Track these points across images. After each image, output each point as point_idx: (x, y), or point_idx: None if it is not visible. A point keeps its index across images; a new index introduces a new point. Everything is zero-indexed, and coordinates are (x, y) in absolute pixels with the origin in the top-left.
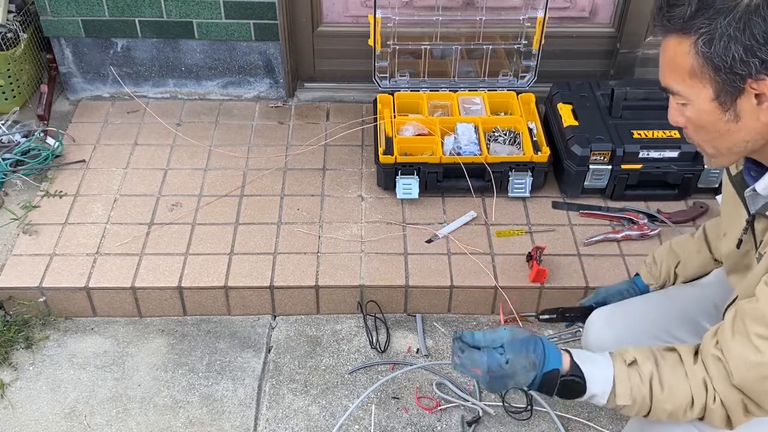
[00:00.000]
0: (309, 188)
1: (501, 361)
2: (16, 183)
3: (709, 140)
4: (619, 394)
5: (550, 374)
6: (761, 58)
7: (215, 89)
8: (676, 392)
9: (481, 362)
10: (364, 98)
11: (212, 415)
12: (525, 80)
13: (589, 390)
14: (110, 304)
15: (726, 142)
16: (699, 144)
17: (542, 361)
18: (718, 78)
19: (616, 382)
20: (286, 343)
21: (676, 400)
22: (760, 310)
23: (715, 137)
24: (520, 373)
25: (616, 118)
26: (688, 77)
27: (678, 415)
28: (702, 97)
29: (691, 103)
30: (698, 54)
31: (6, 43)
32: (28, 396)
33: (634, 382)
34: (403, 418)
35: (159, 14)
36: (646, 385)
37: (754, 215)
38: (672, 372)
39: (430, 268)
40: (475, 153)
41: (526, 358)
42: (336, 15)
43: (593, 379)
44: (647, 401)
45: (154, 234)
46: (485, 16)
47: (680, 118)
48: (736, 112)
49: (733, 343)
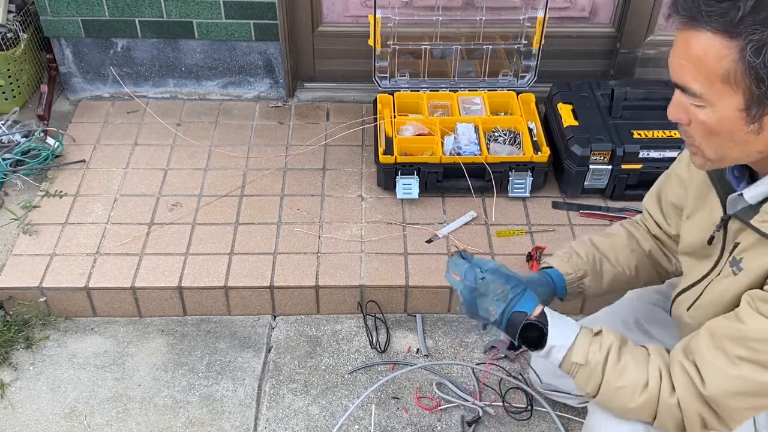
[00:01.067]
0: (309, 188)
1: (478, 275)
2: (16, 183)
3: (717, 147)
4: (575, 352)
5: (518, 315)
6: None
7: (215, 89)
8: (630, 370)
9: (462, 269)
10: (364, 98)
11: (212, 415)
12: (525, 80)
13: (549, 339)
14: (110, 304)
15: (737, 151)
16: (701, 147)
17: (514, 298)
18: (756, 89)
19: (576, 341)
20: (286, 343)
21: (628, 377)
22: (746, 333)
23: (727, 145)
24: (491, 298)
25: (616, 118)
26: (718, 81)
27: (627, 396)
28: (728, 104)
29: (711, 107)
30: (742, 61)
31: (6, 43)
32: (28, 396)
33: (593, 348)
34: (403, 418)
35: (159, 14)
36: (603, 353)
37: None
38: (632, 353)
39: (430, 268)
40: (475, 153)
41: (501, 285)
42: (336, 15)
43: (556, 332)
44: (599, 368)
45: (154, 234)
46: (485, 16)
47: (683, 115)
48: (761, 125)
49: (711, 357)
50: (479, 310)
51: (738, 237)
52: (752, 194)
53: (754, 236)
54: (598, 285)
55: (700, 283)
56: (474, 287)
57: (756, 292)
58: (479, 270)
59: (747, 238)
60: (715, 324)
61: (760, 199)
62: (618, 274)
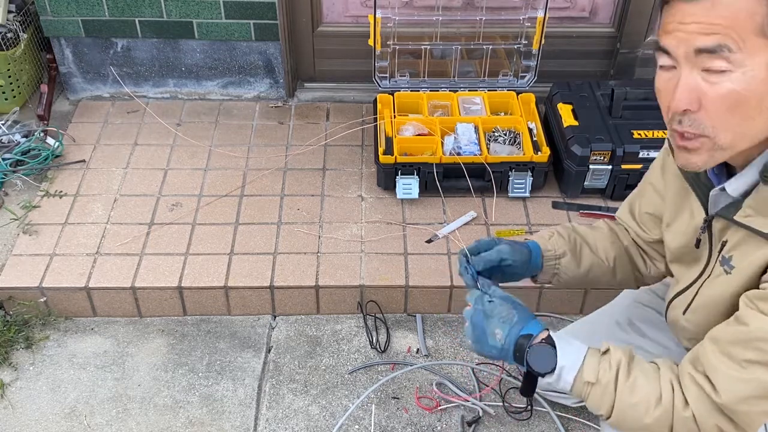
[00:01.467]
0: (309, 188)
1: (486, 300)
2: (16, 183)
3: (739, 122)
4: (585, 371)
5: (524, 338)
6: None
7: (215, 89)
8: (641, 384)
9: (473, 297)
10: (364, 98)
11: (212, 415)
12: (525, 80)
13: (560, 360)
14: (110, 304)
15: (760, 123)
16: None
17: (519, 321)
18: None
19: (585, 361)
20: (286, 343)
21: (641, 393)
22: (750, 334)
23: (751, 116)
24: (496, 320)
25: (616, 118)
26: (753, 35)
27: (641, 412)
28: (759, 61)
29: (741, 69)
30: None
31: (6, 43)
32: (28, 396)
33: (603, 366)
34: (403, 418)
35: (159, 14)
36: (613, 370)
37: (713, 216)
38: (641, 368)
39: (430, 268)
40: (475, 153)
41: (508, 310)
42: (336, 15)
43: (565, 352)
44: (611, 386)
45: (154, 234)
46: (485, 16)
47: (694, 100)
48: None
49: (721, 365)
50: (487, 336)
51: (724, 236)
52: (734, 186)
53: (741, 232)
54: (575, 269)
55: (692, 287)
56: (482, 309)
57: (753, 293)
58: (488, 296)
59: (734, 236)
60: (718, 331)
61: (741, 191)
62: (596, 262)
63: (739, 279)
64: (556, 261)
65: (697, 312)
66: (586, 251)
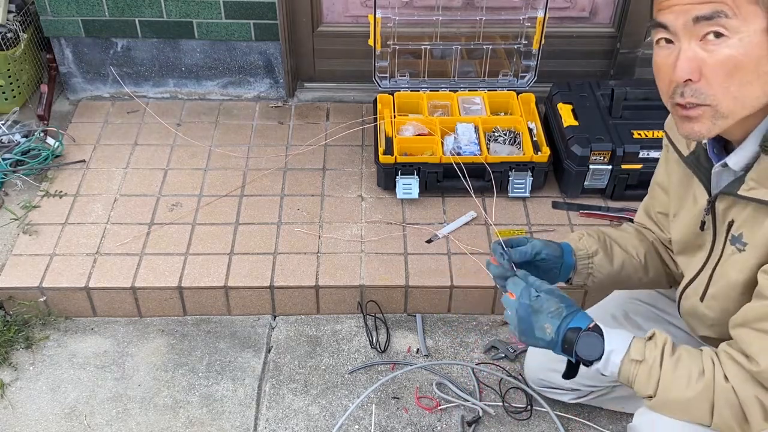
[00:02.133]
0: (309, 188)
1: (533, 294)
2: (16, 183)
3: (738, 87)
4: (633, 351)
5: (573, 330)
6: None
7: (215, 89)
8: (685, 359)
9: (518, 288)
10: (364, 98)
11: (212, 415)
12: (525, 80)
13: (607, 345)
14: (110, 304)
15: (758, 89)
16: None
17: (569, 315)
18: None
19: (632, 343)
20: (286, 343)
21: (684, 367)
22: None
23: (749, 81)
24: (545, 315)
25: (616, 118)
26: (746, 2)
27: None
28: (754, 27)
29: (738, 35)
30: None
31: (6, 43)
32: (28, 396)
33: (649, 345)
34: (403, 418)
35: (159, 14)
36: (659, 349)
37: (717, 195)
38: (685, 347)
39: (430, 268)
40: (475, 153)
41: (556, 303)
42: (336, 15)
43: (612, 337)
44: (657, 363)
45: (154, 234)
46: (485, 16)
47: (695, 69)
48: None
49: (756, 340)
50: (535, 329)
51: (728, 215)
52: (735, 160)
53: (748, 208)
54: (608, 267)
55: (702, 273)
56: (529, 304)
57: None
58: (534, 290)
59: (740, 213)
60: (743, 314)
61: (743, 164)
62: (627, 259)
63: (754, 253)
64: (589, 260)
65: (717, 297)
66: (617, 249)
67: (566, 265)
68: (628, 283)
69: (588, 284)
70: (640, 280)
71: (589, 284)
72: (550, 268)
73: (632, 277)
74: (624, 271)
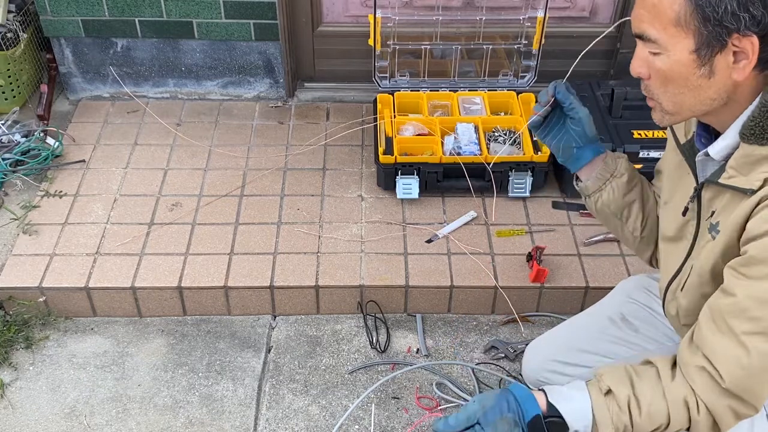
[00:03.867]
0: (309, 188)
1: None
2: (16, 183)
3: (673, 95)
4: (601, 424)
5: (534, 421)
6: (752, 13)
7: (215, 89)
8: (654, 412)
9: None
10: (364, 98)
11: (212, 415)
12: (525, 80)
13: (572, 427)
14: (110, 304)
15: (691, 98)
16: (659, 98)
17: (521, 414)
18: (704, 29)
19: (596, 414)
20: (286, 343)
21: (655, 420)
22: (740, 305)
23: (682, 92)
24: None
25: (616, 118)
26: (671, 25)
27: None
28: (681, 47)
29: (666, 53)
30: (689, 1)
31: (6, 43)
32: (28, 396)
33: (614, 411)
34: (403, 418)
35: (159, 14)
36: (625, 412)
37: (703, 183)
38: (650, 391)
39: (430, 268)
40: (475, 153)
41: (505, 422)
42: (336, 15)
43: (573, 416)
44: (629, 427)
45: (154, 234)
46: (485, 16)
47: (644, 69)
48: (711, 68)
49: (719, 346)
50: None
51: (713, 205)
52: (716, 149)
53: (727, 196)
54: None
55: (683, 267)
56: None
57: (735, 261)
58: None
59: (720, 202)
60: (708, 308)
61: (724, 153)
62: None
63: (722, 240)
64: (611, 177)
65: (690, 288)
66: (638, 188)
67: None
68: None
69: (593, 199)
70: (632, 232)
71: (593, 200)
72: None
73: (629, 223)
74: (627, 211)
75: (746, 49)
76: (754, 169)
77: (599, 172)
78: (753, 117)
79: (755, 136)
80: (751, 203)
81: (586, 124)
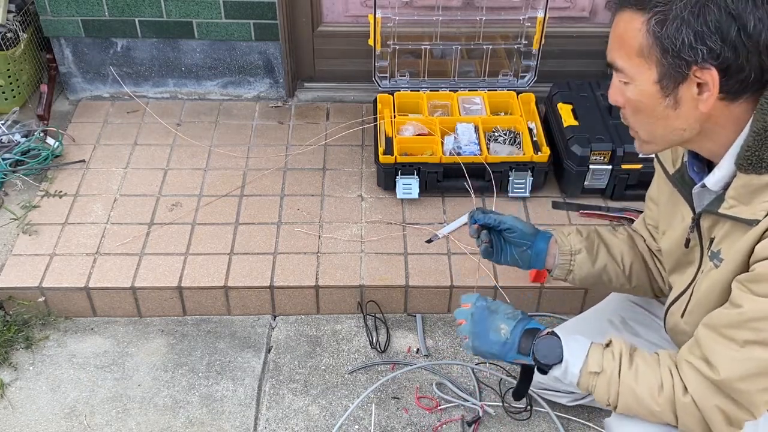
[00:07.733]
0: (309, 188)
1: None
2: (16, 183)
3: (645, 124)
4: (590, 362)
5: (531, 330)
6: (709, 46)
7: (215, 89)
8: (642, 372)
9: (471, 298)
10: (364, 98)
11: (212, 415)
12: (525, 80)
13: (565, 354)
14: (110, 304)
15: (661, 128)
16: (634, 127)
17: (525, 318)
18: (664, 60)
19: (589, 353)
20: (286, 343)
21: (643, 380)
22: (745, 315)
23: (651, 122)
24: (501, 315)
25: (616, 118)
26: (635, 55)
27: (647, 399)
28: (645, 78)
29: (633, 82)
30: (649, 33)
31: (6, 43)
32: (28, 396)
33: (607, 356)
34: (403, 418)
35: (159, 14)
36: (617, 360)
37: (701, 213)
38: (642, 357)
39: (430, 268)
40: (475, 153)
41: (512, 308)
42: (336, 15)
43: (569, 347)
44: (615, 375)
45: (154, 234)
46: (485, 16)
47: (620, 97)
48: (676, 99)
49: (719, 346)
50: (489, 331)
51: (712, 233)
52: (713, 180)
53: (727, 225)
54: (590, 267)
55: (688, 289)
56: (486, 306)
57: (744, 276)
58: (489, 298)
59: (720, 230)
60: (713, 317)
61: (721, 184)
62: (611, 264)
63: (728, 268)
64: (571, 257)
65: (693, 312)
66: (603, 252)
67: (537, 249)
68: (609, 287)
69: (568, 280)
70: (622, 286)
71: (569, 280)
72: (519, 243)
73: (614, 282)
74: (605, 275)
75: (707, 81)
76: (755, 198)
77: (559, 257)
78: (748, 146)
79: (752, 165)
80: (757, 233)
81: (518, 225)
